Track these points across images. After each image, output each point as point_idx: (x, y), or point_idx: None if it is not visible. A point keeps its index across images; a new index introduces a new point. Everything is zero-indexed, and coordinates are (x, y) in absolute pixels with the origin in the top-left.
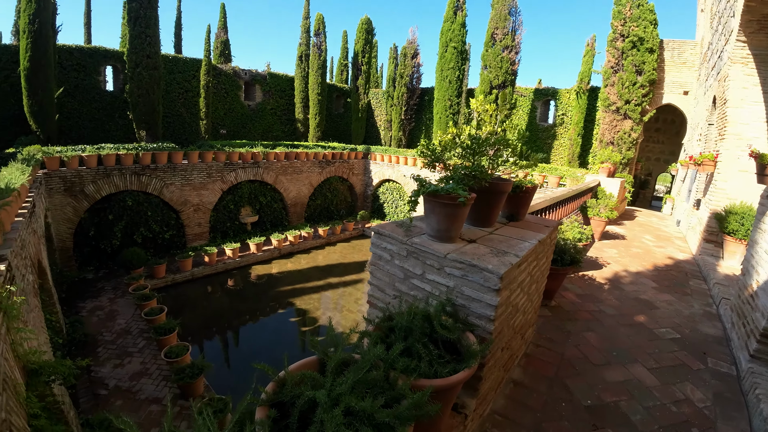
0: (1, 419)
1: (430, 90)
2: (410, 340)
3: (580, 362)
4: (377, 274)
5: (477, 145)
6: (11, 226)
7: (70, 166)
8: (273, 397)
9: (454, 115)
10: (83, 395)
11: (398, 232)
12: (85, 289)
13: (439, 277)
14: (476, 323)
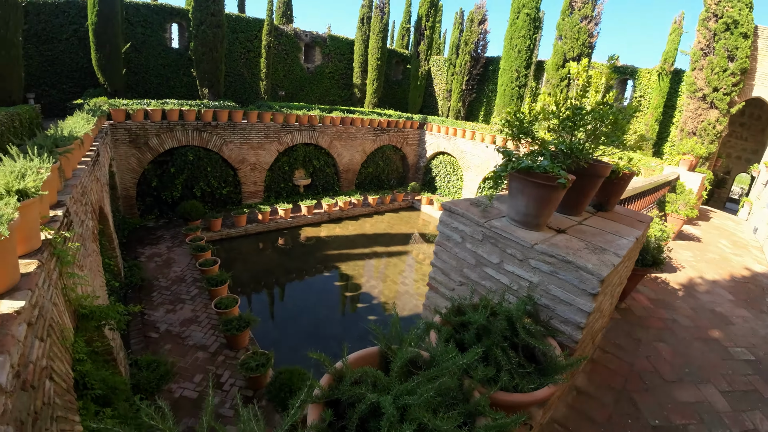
0: (42, 366)
1: (495, 60)
2: (486, 342)
3: (651, 376)
4: (443, 256)
5: (579, 118)
6: (73, 173)
7: (135, 118)
8: (328, 393)
9: (520, 88)
10: (135, 337)
11: (473, 212)
12: (145, 236)
13: (521, 269)
14: (560, 329)
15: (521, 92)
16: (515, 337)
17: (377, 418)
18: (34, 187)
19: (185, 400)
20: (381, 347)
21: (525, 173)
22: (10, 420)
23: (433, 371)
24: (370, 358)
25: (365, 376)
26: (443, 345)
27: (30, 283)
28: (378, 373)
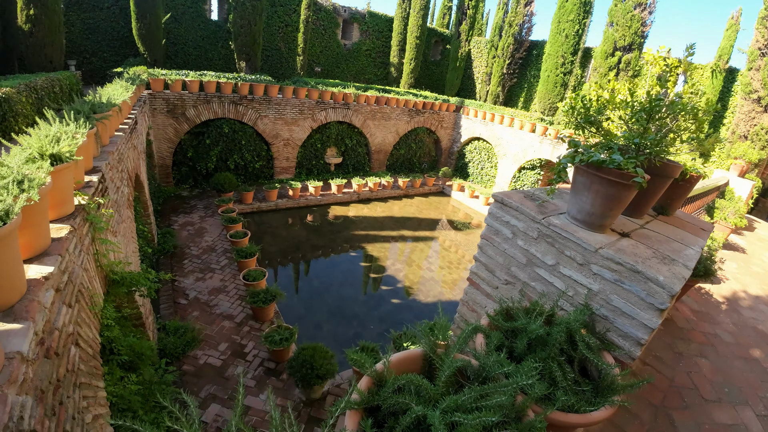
0: (68, 333)
1: (540, 44)
2: (540, 354)
3: (690, 394)
4: (489, 251)
5: (657, 110)
6: (110, 140)
7: (174, 89)
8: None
9: (565, 75)
10: (164, 302)
11: (529, 206)
12: (179, 204)
13: (579, 274)
14: (617, 343)
15: (566, 80)
16: (572, 350)
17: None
18: (68, 152)
19: (209, 367)
20: (425, 350)
21: (595, 168)
22: (29, 389)
23: (488, 388)
24: (413, 361)
25: (409, 383)
26: (494, 353)
27: (60, 249)
28: (424, 382)
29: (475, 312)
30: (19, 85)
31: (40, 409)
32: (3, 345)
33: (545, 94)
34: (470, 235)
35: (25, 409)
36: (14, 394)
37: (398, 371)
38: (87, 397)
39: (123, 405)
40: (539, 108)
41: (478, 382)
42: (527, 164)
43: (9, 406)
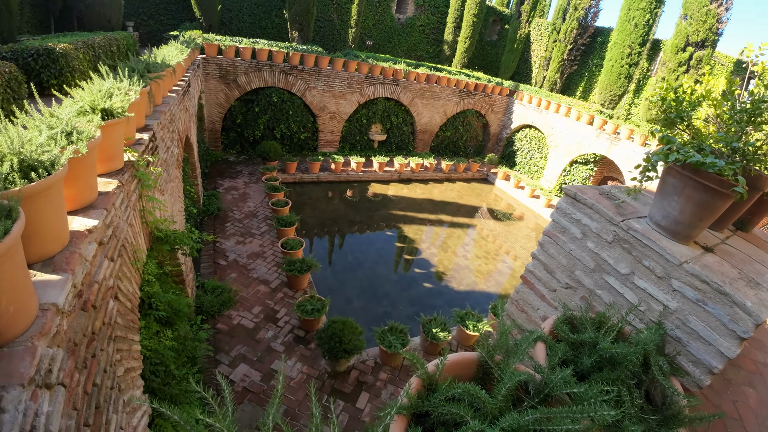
0: (108, 286)
1: (605, 31)
2: (608, 374)
3: (734, 425)
4: (551, 250)
5: (759, 112)
6: (163, 100)
7: (227, 55)
8: (417, 403)
9: (630, 66)
10: (205, 261)
11: (605, 205)
12: (225, 169)
13: (657, 288)
14: (687, 369)
15: (630, 72)
16: (643, 373)
17: None
18: (120, 108)
19: (242, 327)
20: (482, 356)
21: (691, 170)
22: (62, 342)
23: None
24: (467, 366)
25: (465, 394)
26: (558, 369)
27: (106, 203)
28: (483, 394)
29: (524, 313)
30: (77, 42)
31: (71, 362)
32: (39, 296)
33: (607, 85)
34: (510, 227)
35: (55, 361)
36: (44, 347)
37: (450, 374)
38: (121, 350)
39: (156, 359)
40: (599, 99)
41: (538, 398)
42: (580, 158)
43: (37, 359)
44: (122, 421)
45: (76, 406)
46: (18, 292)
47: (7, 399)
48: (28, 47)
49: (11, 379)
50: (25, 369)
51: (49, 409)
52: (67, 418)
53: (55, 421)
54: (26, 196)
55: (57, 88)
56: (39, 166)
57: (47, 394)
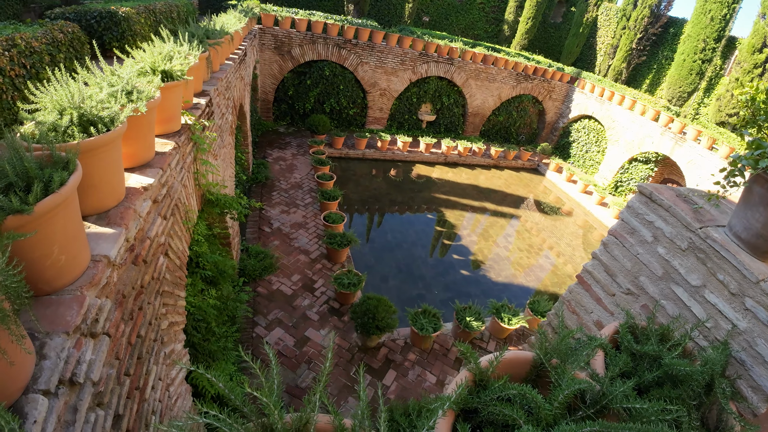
0: (159, 243)
1: (679, 22)
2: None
3: None
4: (615, 251)
5: None
6: (220, 67)
7: (282, 26)
8: (467, 399)
9: (703, 62)
10: (251, 227)
11: (683, 208)
12: (275, 139)
13: (728, 306)
14: (745, 394)
15: (703, 68)
16: (705, 395)
17: None
18: (179, 71)
19: (280, 293)
20: (538, 357)
21: None
22: (111, 293)
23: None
24: (520, 365)
25: (519, 396)
26: (618, 382)
27: (163, 163)
28: (539, 399)
29: (576, 314)
30: (139, 7)
31: (117, 313)
32: (92, 248)
33: (677, 80)
34: (557, 222)
35: (102, 311)
36: (93, 297)
37: (502, 372)
38: (167, 304)
39: (199, 315)
40: (667, 95)
41: (594, 409)
42: (640, 156)
43: (84, 308)
44: (162, 372)
45: (119, 355)
46: (71, 242)
47: (50, 346)
48: (91, 9)
49: (56, 327)
50: (71, 317)
51: (91, 357)
52: (108, 367)
53: (96, 369)
54: (84, 150)
55: (118, 50)
56: (98, 121)
57: (91, 342)
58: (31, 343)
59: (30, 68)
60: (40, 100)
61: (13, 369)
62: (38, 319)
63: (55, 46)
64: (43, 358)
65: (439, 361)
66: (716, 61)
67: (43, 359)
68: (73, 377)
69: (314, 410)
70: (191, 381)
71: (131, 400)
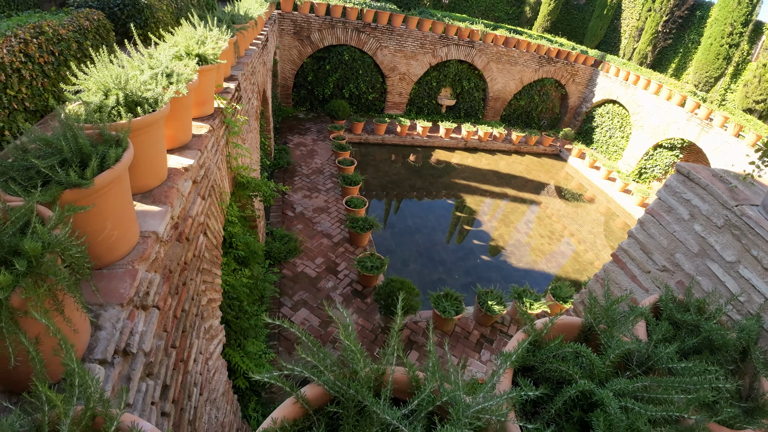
0: (199, 222)
1: (706, 5)
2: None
3: None
4: (652, 229)
5: None
6: (245, 52)
7: (302, 10)
8: (525, 357)
9: (730, 47)
10: (275, 211)
11: (720, 187)
12: (295, 125)
13: (761, 280)
14: None
15: (730, 53)
16: (741, 361)
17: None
18: (212, 55)
19: (305, 276)
20: (587, 321)
21: None
22: (159, 268)
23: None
24: (571, 329)
25: (573, 354)
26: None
27: (200, 144)
28: (594, 357)
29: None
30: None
31: (165, 287)
32: (140, 224)
33: (704, 64)
34: (579, 208)
35: (152, 285)
36: (144, 271)
37: (554, 334)
38: (206, 281)
39: (232, 294)
40: (693, 80)
41: (640, 370)
42: (666, 142)
43: (137, 281)
44: (202, 346)
45: (167, 328)
46: (122, 218)
47: (105, 317)
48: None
49: (110, 299)
50: (125, 290)
51: (143, 329)
52: (157, 339)
53: (148, 340)
54: (132, 129)
55: (141, 37)
56: (144, 102)
57: (143, 314)
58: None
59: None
60: (83, 82)
61: (75, 337)
62: (98, 290)
63: (81, 34)
64: (98, 328)
65: (461, 343)
66: (743, 45)
67: (99, 330)
68: (127, 347)
69: (390, 362)
70: (225, 357)
71: (177, 371)
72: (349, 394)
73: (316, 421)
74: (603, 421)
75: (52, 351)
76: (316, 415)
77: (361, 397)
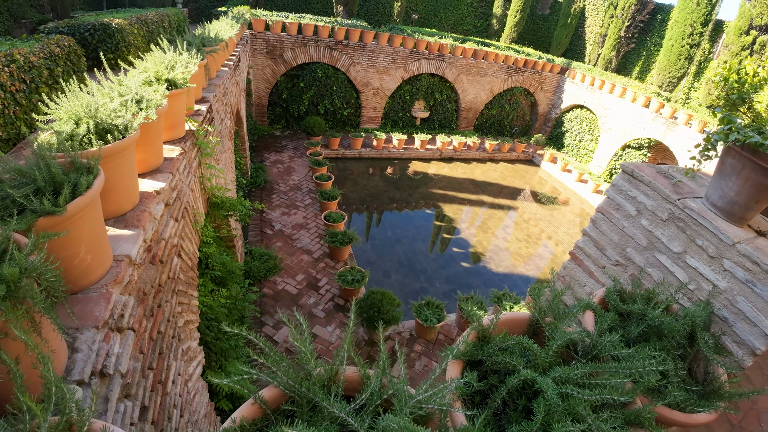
0: (173, 244)
1: (666, 8)
2: (655, 344)
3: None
4: (603, 226)
5: None
6: (217, 74)
7: (274, 30)
8: (472, 351)
9: (691, 47)
10: (253, 230)
11: (663, 183)
12: (271, 143)
13: (708, 268)
14: (730, 349)
15: (692, 53)
16: (688, 347)
17: (523, 395)
18: (182, 79)
19: (286, 293)
20: (534, 316)
21: (750, 151)
22: (133, 290)
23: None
24: (519, 324)
25: (517, 345)
26: (606, 334)
27: (172, 168)
28: (535, 347)
29: (570, 289)
30: (131, 18)
31: (140, 309)
32: (113, 248)
33: (666, 65)
34: (554, 211)
35: (127, 307)
36: (118, 293)
37: (502, 329)
38: (182, 303)
39: (210, 315)
40: (657, 81)
41: (585, 359)
42: (633, 143)
43: (111, 304)
44: (180, 367)
45: (143, 350)
46: (96, 242)
47: (81, 339)
48: (84, 22)
49: (86, 322)
50: (99, 312)
51: (119, 350)
52: (134, 361)
53: (124, 362)
54: (103, 157)
55: (113, 62)
56: (114, 129)
57: (118, 337)
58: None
59: (30, 83)
60: (54, 111)
61: (52, 356)
62: (73, 313)
63: (52, 60)
64: (75, 351)
65: None
66: (704, 45)
67: (76, 352)
68: (103, 369)
69: (342, 363)
70: (205, 378)
71: (155, 392)
72: (302, 393)
73: (273, 420)
74: (543, 407)
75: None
76: (275, 415)
77: (312, 395)
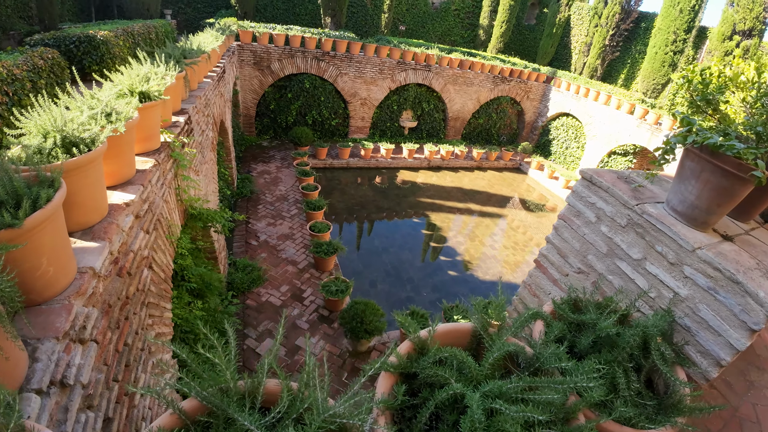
0: (143, 256)
1: (650, 16)
2: (606, 355)
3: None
4: (565, 234)
5: None
6: (198, 85)
7: (261, 41)
8: (406, 364)
9: (675, 54)
10: (238, 241)
11: (622, 189)
12: (259, 153)
13: (668, 275)
14: (694, 359)
15: (675, 59)
16: (643, 358)
17: (456, 410)
18: (157, 91)
19: (269, 304)
20: (476, 326)
21: (709, 153)
22: (97, 302)
23: (540, 381)
24: (461, 335)
25: (452, 357)
26: (552, 345)
27: (143, 179)
28: (468, 359)
29: (537, 297)
30: (117, 30)
31: (104, 321)
32: (78, 260)
33: (650, 73)
34: (542, 218)
35: (89, 319)
36: (80, 305)
37: (443, 343)
38: (153, 316)
39: (186, 327)
40: (641, 88)
41: (528, 372)
42: (619, 149)
43: (72, 315)
44: (150, 380)
45: (107, 362)
46: (58, 254)
47: (41, 350)
48: (70, 34)
49: (46, 332)
50: (60, 324)
51: (80, 362)
52: (97, 372)
53: (85, 373)
54: (68, 170)
55: (98, 73)
56: (80, 142)
57: (80, 348)
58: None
59: (12, 95)
60: (25, 125)
61: (8, 365)
62: (31, 324)
63: (36, 73)
64: (35, 361)
65: None
66: (688, 51)
67: (36, 362)
68: (63, 379)
69: (264, 375)
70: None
71: (120, 405)
72: (217, 405)
73: (193, 430)
74: (468, 424)
75: None
76: (194, 426)
77: (225, 407)
